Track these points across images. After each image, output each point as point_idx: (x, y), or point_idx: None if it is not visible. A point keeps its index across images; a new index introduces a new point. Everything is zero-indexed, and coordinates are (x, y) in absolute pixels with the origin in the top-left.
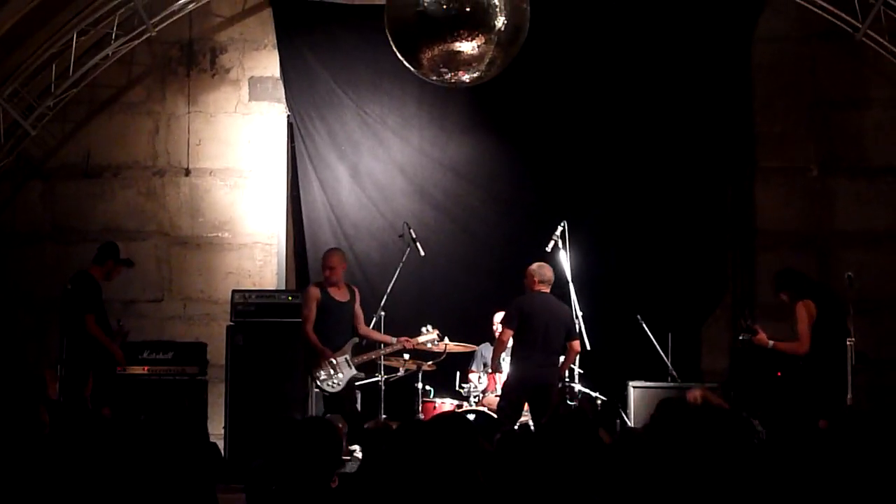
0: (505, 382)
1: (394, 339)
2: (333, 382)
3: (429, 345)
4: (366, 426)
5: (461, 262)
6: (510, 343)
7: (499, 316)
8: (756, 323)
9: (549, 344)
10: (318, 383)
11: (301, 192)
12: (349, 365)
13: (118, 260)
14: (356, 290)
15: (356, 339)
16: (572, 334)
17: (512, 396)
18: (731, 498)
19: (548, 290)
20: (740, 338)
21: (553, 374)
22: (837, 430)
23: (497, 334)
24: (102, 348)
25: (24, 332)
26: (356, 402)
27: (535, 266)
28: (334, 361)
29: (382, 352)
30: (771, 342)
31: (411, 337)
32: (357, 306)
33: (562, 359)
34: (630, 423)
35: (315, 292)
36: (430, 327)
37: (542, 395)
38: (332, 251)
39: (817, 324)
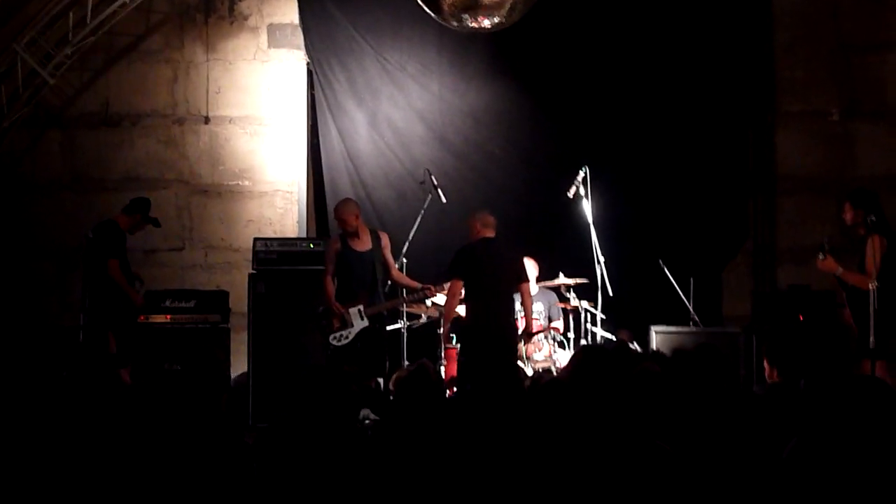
0: (462, 337)
1: (419, 285)
2: (341, 336)
3: None
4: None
5: (481, 209)
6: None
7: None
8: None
9: (501, 289)
10: (327, 336)
11: (320, 140)
12: (361, 317)
13: (146, 216)
14: (383, 236)
15: (376, 288)
16: (522, 276)
17: (472, 349)
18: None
19: (493, 235)
20: (818, 258)
21: (510, 318)
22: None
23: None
24: (124, 295)
25: (44, 282)
26: (378, 354)
27: (477, 213)
28: (345, 315)
29: (404, 299)
30: (839, 269)
31: (435, 284)
32: (385, 251)
33: (518, 305)
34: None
35: (335, 244)
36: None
37: (503, 341)
38: (341, 204)
39: (885, 262)
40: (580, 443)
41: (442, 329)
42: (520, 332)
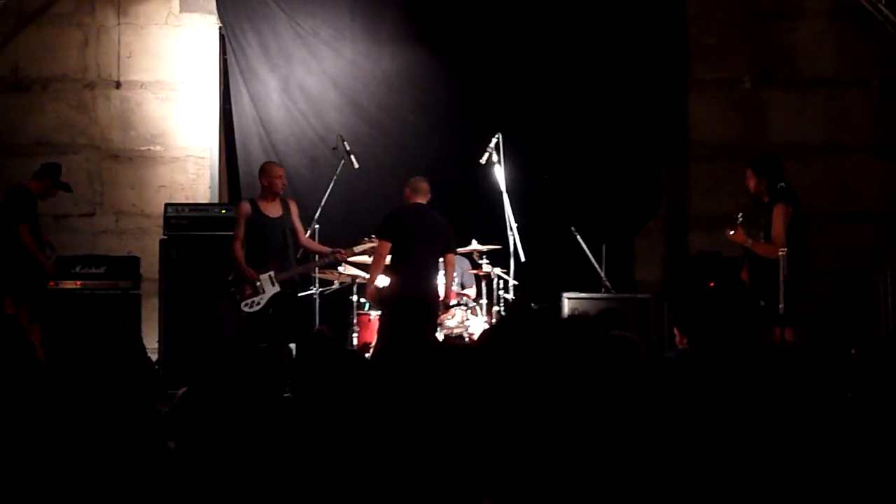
0: (383, 299)
1: (328, 250)
2: (253, 302)
3: (367, 257)
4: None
5: (394, 176)
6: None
7: None
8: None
9: (427, 256)
10: (239, 303)
11: (232, 106)
12: (272, 282)
13: (57, 181)
14: (291, 204)
15: (286, 253)
16: (450, 246)
17: (395, 318)
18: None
19: (424, 202)
20: (728, 232)
21: (433, 286)
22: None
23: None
24: (34, 260)
25: None
26: (291, 319)
27: (410, 179)
28: (257, 281)
29: (315, 264)
30: (749, 241)
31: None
32: (294, 218)
33: (442, 274)
34: None
35: (245, 208)
36: (368, 238)
37: (423, 308)
38: (270, 165)
39: (790, 230)
40: (481, 406)
41: (367, 290)
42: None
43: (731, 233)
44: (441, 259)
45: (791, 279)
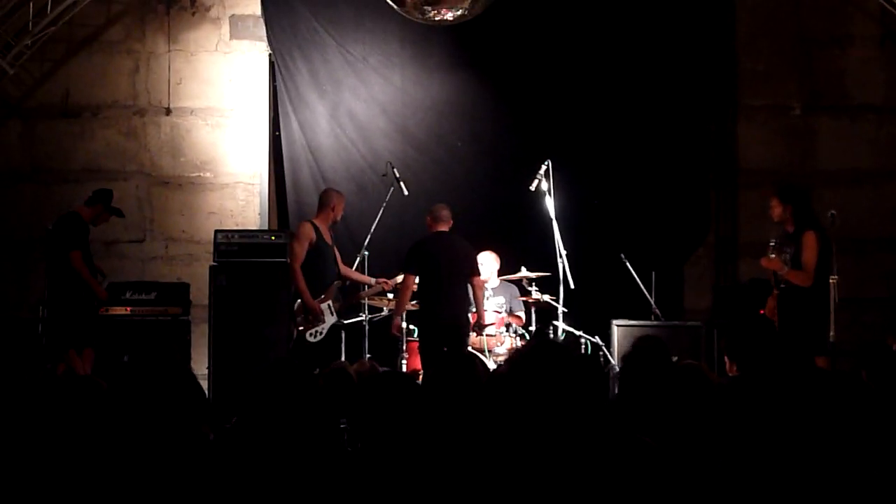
0: (419, 335)
1: (372, 280)
2: (317, 332)
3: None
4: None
5: (443, 202)
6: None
7: (482, 256)
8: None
9: (454, 283)
10: (302, 333)
11: (281, 132)
12: (331, 312)
13: (109, 207)
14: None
15: (338, 283)
16: (475, 269)
17: (430, 347)
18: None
19: (446, 229)
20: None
21: (463, 311)
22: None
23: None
24: (86, 287)
25: (3, 274)
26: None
27: (432, 207)
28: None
29: (364, 293)
30: (786, 268)
31: (390, 278)
32: (335, 247)
33: (472, 297)
34: (613, 362)
35: (309, 231)
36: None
37: (455, 334)
38: (335, 192)
39: (820, 259)
40: (532, 437)
41: (393, 323)
42: (472, 324)
43: (771, 257)
44: (469, 283)
45: (823, 307)
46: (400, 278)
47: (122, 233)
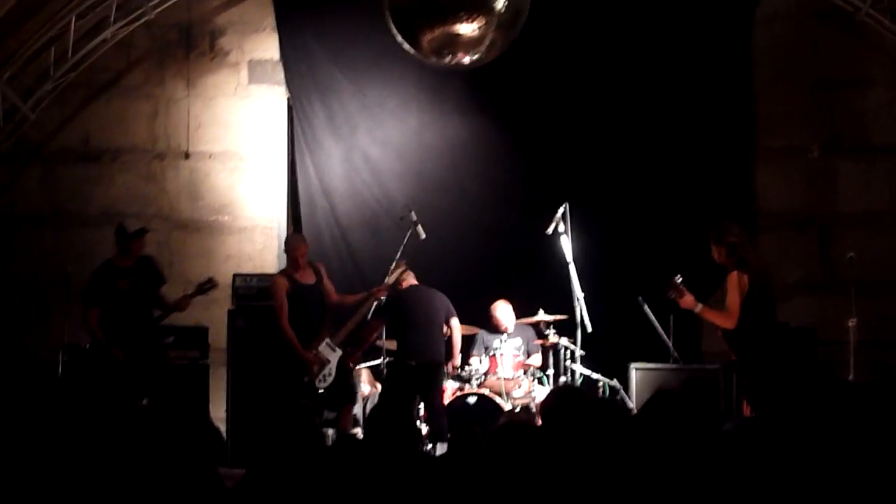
0: (386, 376)
1: (366, 294)
2: (324, 376)
3: (400, 277)
4: None
5: (458, 248)
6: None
7: (497, 305)
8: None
9: (429, 329)
10: (311, 383)
11: (298, 176)
12: (332, 349)
13: (128, 236)
14: (320, 266)
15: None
16: (450, 313)
17: (403, 392)
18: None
19: (416, 283)
20: (669, 296)
21: (437, 351)
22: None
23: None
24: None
25: (22, 317)
26: (348, 381)
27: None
28: (320, 355)
29: (359, 316)
30: (699, 306)
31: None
32: (325, 281)
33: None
34: (631, 405)
35: (282, 282)
36: (394, 264)
37: (427, 373)
38: (296, 236)
39: (747, 300)
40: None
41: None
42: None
43: (683, 298)
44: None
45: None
46: (392, 278)
47: None
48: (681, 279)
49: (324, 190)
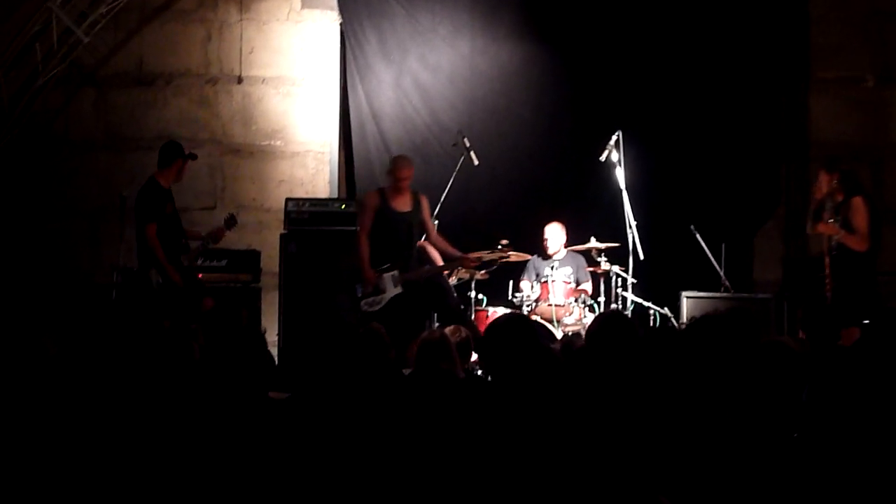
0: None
1: (458, 254)
2: (373, 301)
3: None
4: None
5: (509, 174)
6: None
7: (549, 228)
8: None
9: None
10: (359, 300)
11: (350, 102)
12: (394, 283)
13: (185, 155)
14: (423, 199)
15: (415, 252)
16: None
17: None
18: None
19: None
20: (813, 226)
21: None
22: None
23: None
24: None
25: (77, 240)
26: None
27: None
28: (378, 281)
29: (437, 269)
30: (841, 232)
31: (465, 250)
32: (425, 215)
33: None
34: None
35: (373, 200)
36: (504, 242)
37: (433, 286)
38: (403, 158)
39: (871, 223)
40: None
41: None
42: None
43: (829, 222)
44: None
45: (874, 271)
46: (493, 256)
47: (193, 200)
48: (829, 211)
49: (374, 115)
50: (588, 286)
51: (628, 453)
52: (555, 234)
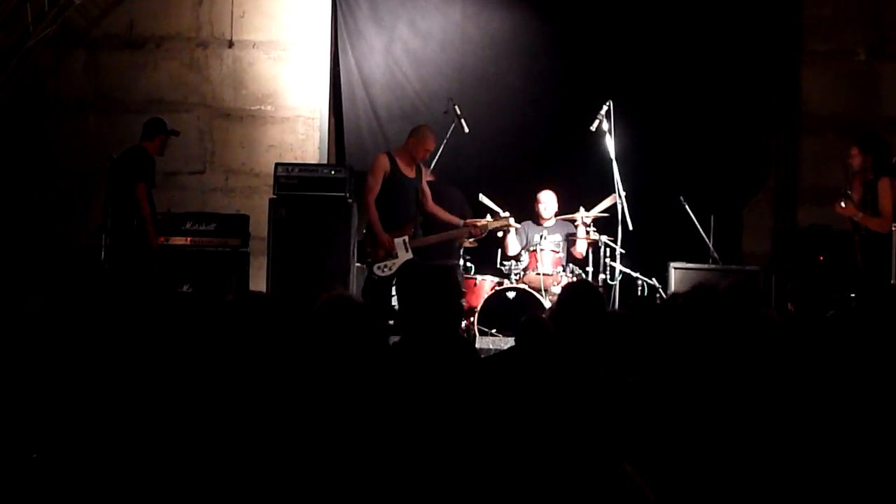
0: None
1: (461, 222)
2: (385, 266)
3: (500, 228)
4: None
5: (499, 142)
6: None
7: (544, 194)
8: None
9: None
10: (370, 265)
11: (340, 68)
12: (406, 248)
13: (168, 132)
14: (424, 168)
15: (420, 218)
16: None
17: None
18: None
19: None
20: (838, 205)
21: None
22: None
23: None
24: (143, 221)
25: (65, 203)
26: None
27: None
28: (393, 244)
29: (445, 235)
30: (860, 214)
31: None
32: (424, 183)
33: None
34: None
35: (384, 162)
36: (503, 213)
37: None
38: (429, 130)
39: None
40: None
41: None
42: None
43: (843, 205)
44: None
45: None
46: (493, 225)
47: (182, 164)
48: (850, 191)
49: (364, 81)
50: (582, 245)
51: (592, 419)
52: (549, 200)
